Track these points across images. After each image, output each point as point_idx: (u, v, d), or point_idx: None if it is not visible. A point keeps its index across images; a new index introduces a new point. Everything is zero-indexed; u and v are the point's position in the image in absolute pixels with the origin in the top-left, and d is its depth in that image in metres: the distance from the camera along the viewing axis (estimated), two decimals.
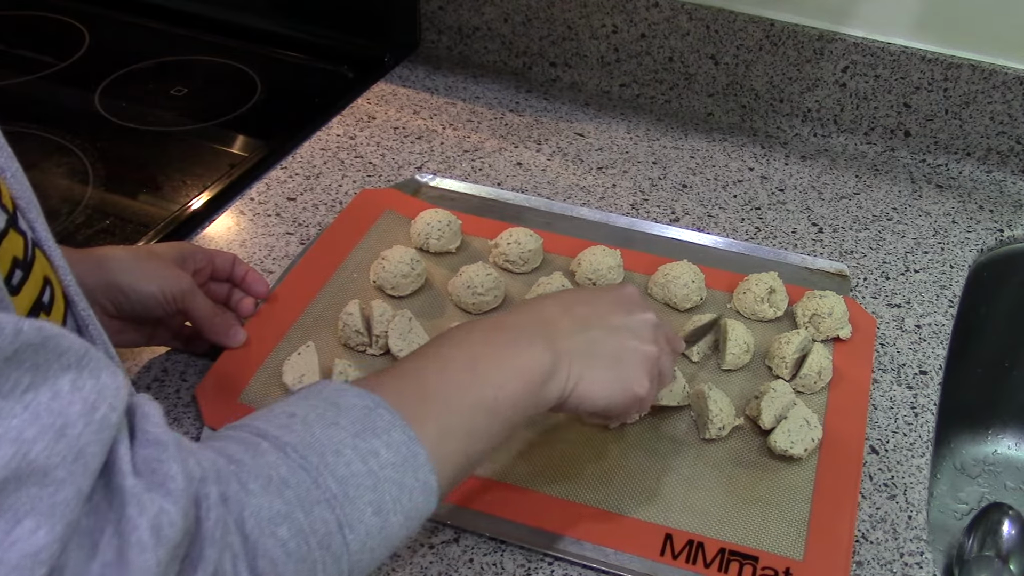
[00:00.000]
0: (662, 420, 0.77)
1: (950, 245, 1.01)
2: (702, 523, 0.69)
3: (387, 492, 0.47)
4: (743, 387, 0.81)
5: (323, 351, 0.81)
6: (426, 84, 1.24)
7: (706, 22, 1.14)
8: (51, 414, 0.34)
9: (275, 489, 0.44)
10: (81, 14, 1.36)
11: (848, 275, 0.94)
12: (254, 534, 0.42)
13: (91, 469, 0.36)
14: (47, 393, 0.35)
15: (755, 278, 0.88)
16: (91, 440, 0.36)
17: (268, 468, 0.44)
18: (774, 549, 0.68)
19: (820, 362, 0.80)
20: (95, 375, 0.37)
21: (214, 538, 0.40)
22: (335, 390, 0.51)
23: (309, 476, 0.45)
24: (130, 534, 0.36)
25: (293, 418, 0.48)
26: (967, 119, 1.09)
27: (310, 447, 0.46)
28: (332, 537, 0.45)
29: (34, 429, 0.34)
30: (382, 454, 0.48)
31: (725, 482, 0.73)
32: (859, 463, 0.74)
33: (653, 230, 0.98)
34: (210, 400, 0.76)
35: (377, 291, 0.88)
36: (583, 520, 0.69)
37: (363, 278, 0.89)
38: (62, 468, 0.34)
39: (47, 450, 0.34)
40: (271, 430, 0.47)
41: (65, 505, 0.34)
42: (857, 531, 0.71)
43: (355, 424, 0.48)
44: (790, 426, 0.74)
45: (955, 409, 0.99)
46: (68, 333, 0.37)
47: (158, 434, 0.40)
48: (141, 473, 0.39)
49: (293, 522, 0.43)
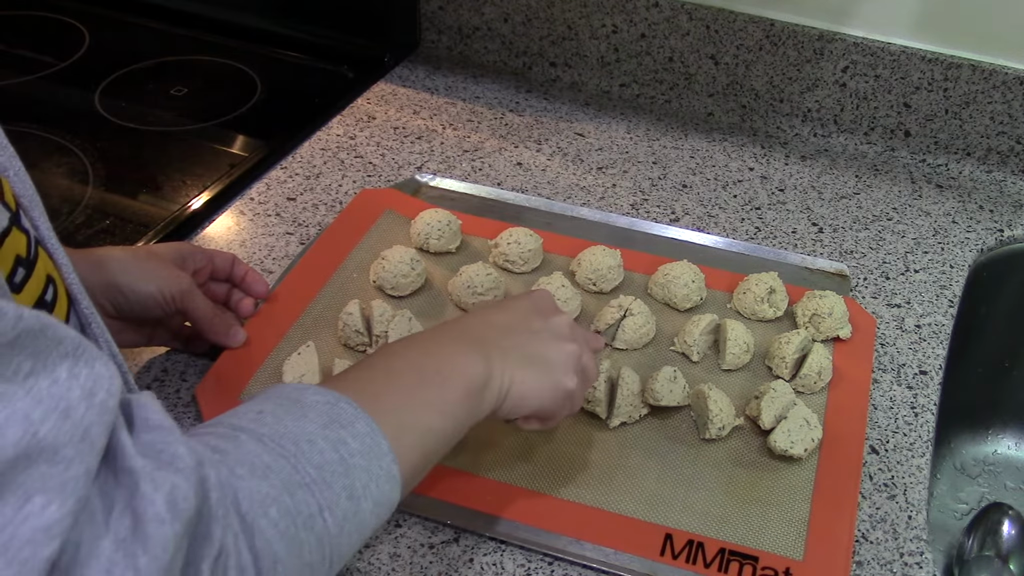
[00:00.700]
0: (662, 420, 0.77)
1: (950, 245, 1.01)
2: (702, 523, 0.69)
3: (357, 479, 0.49)
4: (743, 387, 0.81)
5: (323, 351, 0.81)
6: (426, 84, 1.24)
7: (706, 22, 1.14)
8: (53, 398, 0.35)
9: (261, 474, 0.45)
10: (81, 14, 1.36)
11: (848, 275, 0.94)
12: (250, 514, 0.43)
13: (97, 448, 0.37)
14: (46, 379, 0.35)
15: (755, 278, 0.88)
16: (94, 421, 0.37)
17: (251, 456, 0.46)
18: (774, 549, 0.68)
19: (820, 362, 0.80)
20: (90, 364, 0.37)
21: (218, 516, 0.41)
22: (295, 389, 0.53)
23: (288, 463, 0.47)
24: (146, 508, 0.37)
25: (262, 414, 0.50)
26: (967, 119, 1.09)
27: (284, 437, 0.48)
28: (315, 519, 0.46)
29: (40, 411, 0.34)
30: (350, 443, 0.50)
31: (725, 482, 0.73)
32: (859, 463, 0.74)
33: (653, 230, 0.98)
34: (210, 400, 0.76)
35: (377, 291, 0.88)
36: (583, 520, 0.69)
37: (363, 278, 0.89)
38: (70, 447, 0.35)
39: (55, 430, 0.35)
40: (245, 424, 0.49)
41: (75, 481, 0.35)
42: (857, 531, 0.71)
43: (321, 417, 0.50)
44: (790, 426, 0.74)
45: (955, 409, 0.99)
46: (62, 323, 0.38)
47: (159, 420, 0.42)
48: (147, 455, 0.40)
49: (281, 504, 0.45)
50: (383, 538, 0.68)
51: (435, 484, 0.70)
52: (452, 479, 0.71)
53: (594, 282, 0.89)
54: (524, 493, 0.71)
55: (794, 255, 0.96)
